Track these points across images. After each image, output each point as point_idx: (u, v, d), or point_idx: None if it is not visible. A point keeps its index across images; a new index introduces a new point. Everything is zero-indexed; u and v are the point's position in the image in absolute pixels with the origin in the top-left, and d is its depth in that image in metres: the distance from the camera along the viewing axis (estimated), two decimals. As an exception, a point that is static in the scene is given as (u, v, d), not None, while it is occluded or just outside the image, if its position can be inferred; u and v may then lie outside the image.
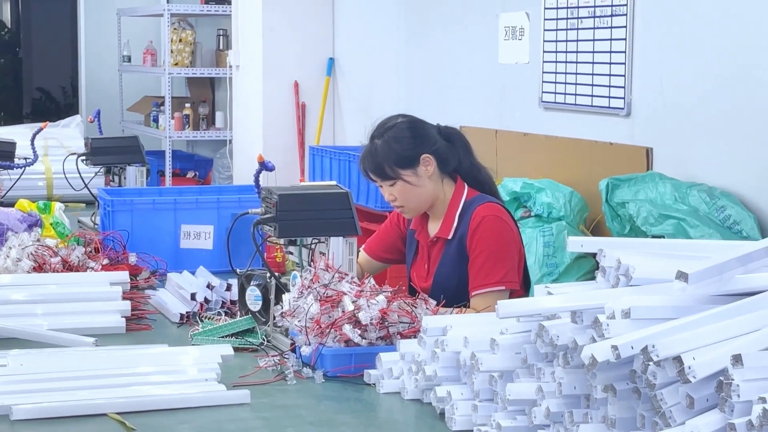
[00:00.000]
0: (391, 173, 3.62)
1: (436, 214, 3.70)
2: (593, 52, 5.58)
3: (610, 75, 5.47)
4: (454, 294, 3.50)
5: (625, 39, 5.34)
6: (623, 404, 2.19)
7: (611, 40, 5.44)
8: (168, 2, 11.14)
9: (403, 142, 3.62)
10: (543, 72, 5.99)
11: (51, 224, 4.61)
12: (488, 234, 3.56)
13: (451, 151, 3.68)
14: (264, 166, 3.85)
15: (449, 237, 3.63)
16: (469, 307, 3.51)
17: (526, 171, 5.75)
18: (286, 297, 3.18)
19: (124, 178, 5.44)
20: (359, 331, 2.97)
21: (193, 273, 3.94)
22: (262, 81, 8.39)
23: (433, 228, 3.71)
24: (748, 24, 4.67)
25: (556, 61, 5.88)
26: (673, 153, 5.07)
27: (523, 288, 3.69)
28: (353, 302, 3.01)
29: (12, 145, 5.92)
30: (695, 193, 4.68)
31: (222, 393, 2.80)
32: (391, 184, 3.63)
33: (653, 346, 2.04)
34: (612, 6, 5.43)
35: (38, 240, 4.05)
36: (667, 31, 5.13)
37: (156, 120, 10.15)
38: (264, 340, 3.27)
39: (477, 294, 3.53)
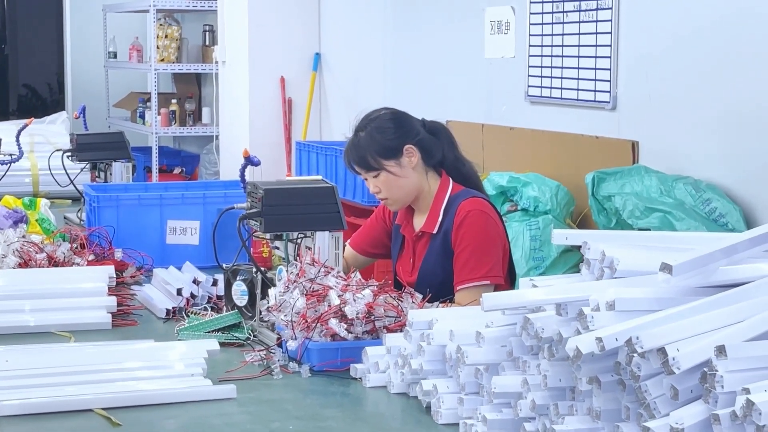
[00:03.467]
0: (374, 164, 3.62)
1: (422, 209, 3.71)
2: (579, 46, 5.59)
3: (595, 69, 5.48)
4: (439, 288, 3.51)
5: (610, 33, 5.35)
6: (608, 396, 2.19)
7: (597, 33, 5.45)
8: (154, -2, 11.12)
9: (386, 132, 3.63)
10: (529, 66, 5.99)
11: (37, 220, 4.61)
12: (473, 229, 3.57)
13: (435, 144, 3.69)
14: (249, 161, 3.85)
15: (434, 231, 3.63)
16: (453, 301, 3.51)
17: (512, 165, 5.76)
18: (272, 292, 3.18)
19: (110, 174, 5.42)
20: (345, 326, 2.98)
21: (179, 268, 3.93)
22: (249, 76, 8.38)
23: (419, 222, 3.71)
24: (733, 17, 4.68)
25: (542, 55, 5.89)
26: (658, 146, 5.08)
27: (509, 282, 3.69)
28: (339, 296, 3.02)
29: (-3, 141, 5.91)
30: (681, 186, 4.69)
31: (208, 388, 2.80)
32: (375, 175, 3.63)
33: (637, 338, 2.04)
34: (597, 0, 5.44)
35: (24, 236, 4.05)
36: (652, 25, 5.14)
37: (142, 116, 10.13)
38: (250, 334, 3.27)
39: (462, 288, 3.53)
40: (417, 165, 3.64)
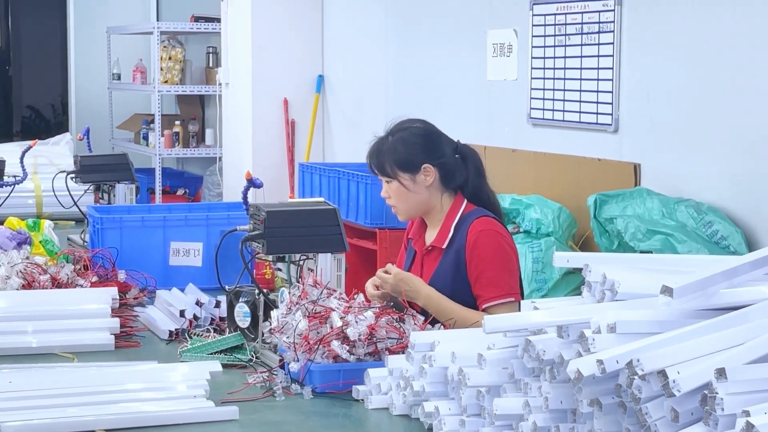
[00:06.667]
0: (389, 171, 3.67)
1: (434, 224, 3.74)
2: (581, 68, 5.61)
3: (597, 91, 5.49)
4: None
5: (612, 55, 5.37)
6: (609, 418, 2.20)
7: (599, 56, 5.47)
8: (157, 20, 11.16)
9: (411, 146, 3.68)
10: (531, 88, 6.01)
11: (40, 242, 4.61)
12: (490, 248, 3.60)
13: (459, 168, 3.72)
14: (252, 182, 3.86)
15: (443, 246, 3.65)
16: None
17: (514, 187, 5.76)
18: (274, 313, 3.18)
19: (114, 195, 5.44)
20: (347, 347, 2.98)
21: (182, 290, 3.94)
22: (252, 98, 8.40)
23: (430, 237, 3.75)
24: (734, 40, 4.70)
25: (544, 78, 5.90)
26: (660, 169, 5.09)
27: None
28: (341, 318, 3.02)
29: (1, 163, 5.92)
30: (683, 209, 4.70)
31: (211, 409, 2.81)
32: (388, 181, 3.69)
33: (638, 360, 2.05)
34: (599, 23, 5.46)
35: (27, 258, 4.05)
36: (654, 48, 5.16)
37: (146, 137, 10.15)
38: (253, 356, 3.28)
39: (489, 306, 3.54)
40: (433, 185, 3.68)
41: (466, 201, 3.71)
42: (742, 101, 4.66)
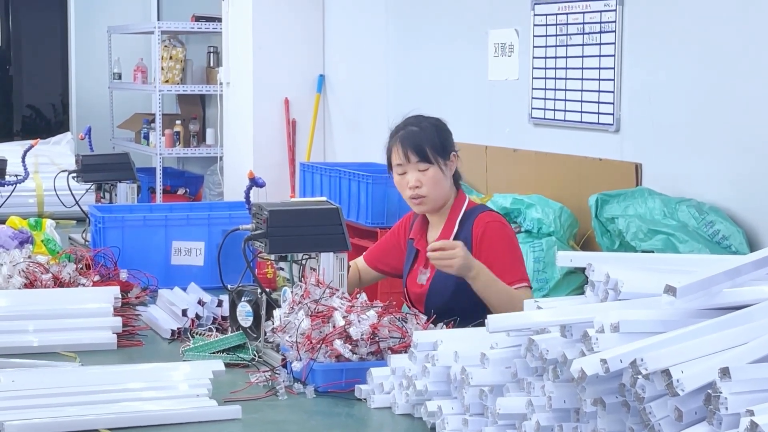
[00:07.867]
0: (431, 157, 3.74)
1: (437, 221, 3.80)
2: (582, 68, 5.61)
3: (599, 91, 5.49)
4: (450, 298, 3.57)
5: (613, 55, 5.37)
6: (612, 418, 2.20)
7: (600, 56, 5.47)
8: (158, 20, 11.16)
9: (442, 133, 3.81)
10: (532, 88, 6.01)
11: (42, 241, 4.61)
12: (498, 238, 3.69)
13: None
14: (254, 182, 3.86)
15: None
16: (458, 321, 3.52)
17: (516, 187, 5.77)
18: (276, 313, 3.19)
19: (115, 195, 5.44)
20: (350, 347, 2.99)
21: (184, 289, 3.94)
22: (253, 98, 8.40)
23: (433, 235, 3.79)
24: (736, 40, 4.70)
25: (545, 78, 5.90)
26: (662, 168, 5.10)
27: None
28: (344, 317, 3.03)
29: (3, 162, 5.92)
30: (684, 209, 4.70)
31: (213, 408, 2.81)
32: (425, 168, 3.73)
33: (642, 360, 2.05)
34: (601, 23, 5.46)
35: (29, 257, 4.06)
36: (655, 48, 5.16)
37: (147, 137, 10.15)
38: (255, 355, 3.28)
39: (519, 287, 3.63)
40: (451, 174, 3.78)
41: (468, 198, 3.79)
42: (744, 101, 4.66)
